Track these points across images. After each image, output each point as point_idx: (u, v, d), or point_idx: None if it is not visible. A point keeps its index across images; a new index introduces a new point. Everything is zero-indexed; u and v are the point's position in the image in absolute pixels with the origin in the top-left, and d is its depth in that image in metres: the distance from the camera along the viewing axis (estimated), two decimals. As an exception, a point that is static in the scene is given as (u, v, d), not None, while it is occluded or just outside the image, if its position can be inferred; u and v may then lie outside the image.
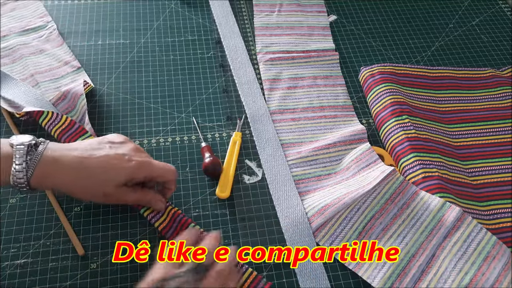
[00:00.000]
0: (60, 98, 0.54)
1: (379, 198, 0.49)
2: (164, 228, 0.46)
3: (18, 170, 0.39)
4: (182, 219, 0.47)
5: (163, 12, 0.69)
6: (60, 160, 0.40)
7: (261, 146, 0.54)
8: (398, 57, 0.66)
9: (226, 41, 0.65)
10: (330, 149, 0.54)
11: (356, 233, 0.47)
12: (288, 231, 0.47)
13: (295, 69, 0.62)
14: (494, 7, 0.74)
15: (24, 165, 0.39)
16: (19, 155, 0.39)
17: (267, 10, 0.70)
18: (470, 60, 0.66)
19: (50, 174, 0.40)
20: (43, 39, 0.63)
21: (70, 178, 0.41)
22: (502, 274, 0.44)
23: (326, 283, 0.44)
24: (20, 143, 0.40)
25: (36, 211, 0.48)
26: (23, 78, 0.58)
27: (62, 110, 0.54)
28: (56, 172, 0.40)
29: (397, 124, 0.54)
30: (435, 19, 0.72)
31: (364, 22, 0.70)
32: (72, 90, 0.55)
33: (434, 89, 0.60)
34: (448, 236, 0.47)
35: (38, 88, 0.57)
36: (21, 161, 0.39)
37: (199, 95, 0.59)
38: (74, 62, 0.60)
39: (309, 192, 0.51)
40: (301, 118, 0.57)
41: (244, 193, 0.51)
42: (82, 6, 0.69)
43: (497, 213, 0.50)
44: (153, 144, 0.54)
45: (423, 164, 0.51)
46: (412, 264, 0.45)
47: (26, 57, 0.60)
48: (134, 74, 0.60)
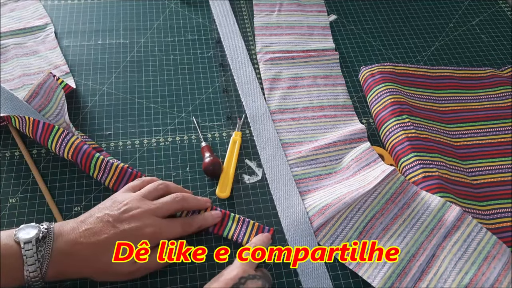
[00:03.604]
0: (32, 95, 0.52)
1: (380, 198, 0.49)
2: (114, 184, 0.48)
3: (32, 270, 0.37)
4: (131, 173, 0.49)
5: (163, 12, 0.69)
6: (71, 253, 0.39)
7: (261, 146, 0.54)
8: (398, 56, 0.66)
9: (226, 41, 0.65)
10: (330, 148, 0.54)
11: (356, 233, 0.47)
12: (289, 231, 0.47)
13: (295, 69, 0.62)
14: (494, 7, 0.74)
15: (37, 264, 0.37)
16: (30, 255, 0.37)
17: (267, 10, 0.70)
18: (470, 60, 0.66)
19: (65, 268, 0.39)
20: (39, 40, 0.63)
21: (87, 269, 0.40)
22: (502, 274, 0.44)
23: (328, 283, 0.44)
24: (27, 241, 0.38)
25: (36, 211, 0.48)
26: (10, 79, 0.58)
27: (37, 107, 0.51)
28: (70, 267, 0.39)
29: (397, 123, 0.54)
30: (435, 19, 0.72)
31: (364, 22, 0.70)
32: (44, 85, 0.52)
33: (434, 88, 0.60)
34: (448, 235, 0.47)
35: (23, 90, 0.56)
36: (32, 260, 0.37)
37: (199, 95, 0.59)
38: (64, 67, 0.60)
39: (310, 192, 0.51)
40: (301, 118, 0.57)
41: (244, 193, 0.51)
42: (82, 5, 0.68)
43: (497, 212, 0.50)
44: (153, 144, 0.54)
45: (423, 163, 0.51)
46: (412, 264, 0.45)
47: (17, 58, 0.60)
48: (134, 74, 0.60)
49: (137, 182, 0.47)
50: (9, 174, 0.50)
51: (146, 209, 0.42)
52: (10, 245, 0.38)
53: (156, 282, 0.44)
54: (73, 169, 0.51)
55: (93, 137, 0.54)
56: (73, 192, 0.49)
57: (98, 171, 0.49)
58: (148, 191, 0.45)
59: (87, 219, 0.41)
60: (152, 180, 0.47)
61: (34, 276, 0.37)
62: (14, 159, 0.51)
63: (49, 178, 0.50)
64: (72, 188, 0.49)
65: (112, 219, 0.41)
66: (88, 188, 0.49)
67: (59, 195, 0.49)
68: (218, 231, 0.47)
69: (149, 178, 0.48)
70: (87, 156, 0.48)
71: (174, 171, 0.52)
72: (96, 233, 0.40)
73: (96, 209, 0.42)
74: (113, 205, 0.42)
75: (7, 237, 0.38)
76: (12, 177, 0.50)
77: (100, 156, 0.48)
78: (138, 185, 0.46)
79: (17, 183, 0.50)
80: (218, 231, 0.47)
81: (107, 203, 0.43)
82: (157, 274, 0.44)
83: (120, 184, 0.49)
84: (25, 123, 0.50)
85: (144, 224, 0.41)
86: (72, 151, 0.48)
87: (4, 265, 0.37)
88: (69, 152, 0.48)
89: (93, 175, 0.49)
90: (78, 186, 0.50)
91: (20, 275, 0.37)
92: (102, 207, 0.42)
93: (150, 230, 0.41)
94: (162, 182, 0.46)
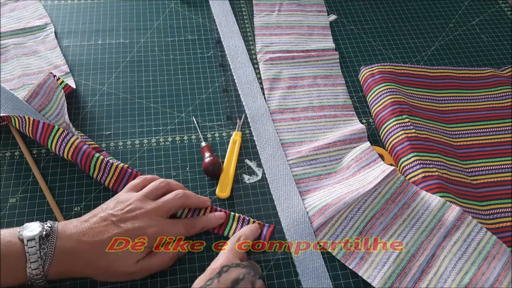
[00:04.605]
0: (32, 95, 0.52)
1: (380, 197, 0.49)
2: (114, 184, 0.48)
3: (34, 268, 0.37)
4: (131, 173, 0.48)
5: (163, 11, 0.69)
6: (74, 252, 0.39)
7: (261, 146, 0.54)
8: (398, 56, 0.66)
9: (226, 40, 0.65)
10: (330, 148, 0.54)
11: (356, 233, 0.47)
12: (289, 230, 0.47)
13: (295, 69, 0.62)
14: (494, 7, 0.74)
15: (40, 262, 0.37)
16: (32, 252, 0.37)
17: (267, 10, 0.70)
18: (470, 60, 0.66)
19: (67, 267, 0.39)
20: (39, 40, 0.63)
21: (89, 268, 0.40)
22: (502, 274, 0.44)
23: (328, 283, 0.44)
24: (31, 238, 0.38)
25: (36, 210, 0.48)
26: (10, 79, 0.58)
27: (37, 107, 0.51)
28: (72, 265, 0.39)
29: (397, 123, 0.54)
30: (435, 19, 0.72)
31: (364, 22, 0.70)
32: (44, 85, 0.52)
33: (434, 88, 0.60)
34: (448, 235, 0.47)
35: (23, 90, 0.56)
36: (35, 258, 0.37)
37: (199, 94, 0.59)
38: (64, 67, 0.60)
39: (310, 192, 0.51)
40: (301, 118, 0.57)
41: (244, 193, 0.51)
42: (82, 5, 0.68)
43: (497, 212, 0.50)
44: (153, 144, 0.54)
45: (423, 163, 0.51)
46: (412, 263, 0.45)
47: (18, 58, 0.60)
48: (134, 74, 0.60)
49: (138, 180, 0.47)
50: (9, 174, 0.50)
51: (149, 209, 0.42)
52: (14, 243, 0.38)
53: (156, 282, 0.44)
54: (73, 169, 0.51)
55: (93, 137, 0.54)
56: (73, 192, 0.49)
57: (98, 171, 0.49)
58: (150, 190, 0.45)
59: (91, 219, 0.41)
60: (153, 178, 0.47)
61: (36, 274, 0.37)
62: (14, 159, 0.51)
63: (49, 178, 0.50)
64: (72, 188, 0.49)
65: (116, 219, 0.41)
66: (88, 188, 0.50)
67: (59, 195, 0.49)
68: (219, 230, 0.47)
69: (150, 176, 0.48)
70: (87, 156, 0.48)
71: (174, 171, 0.52)
72: (100, 233, 0.40)
73: (100, 209, 0.43)
74: (116, 205, 0.42)
75: (11, 235, 0.39)
76: (12, 177, 0.50)
77: (100, 156, 0.48)
78: (140, 183, 0.46)
79: (17, 183, 0.50)
80: (219, 231, 0.47)
81: (111, 203, 0.43)
82: (157, 274, 0.44)
83: (120, 184, 0.49)
84: (25, 123, 0.50)
85: (147, 225, 0.41)
86: (72, 151, 0.48)
87: (7, 262, 0.37)
88: (69, 152, 0.48)
89: (93, 175, 0.49)
90: (78, 186, 0.50)
91: (22, 273, 0.38)
92: (105, 207, 0.43)
93: (153, 230, 0.42)
94: (163, 180, 0.46)
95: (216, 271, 0.38)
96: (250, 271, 0.38)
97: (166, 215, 0.44)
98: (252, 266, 0.40)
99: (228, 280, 0.37)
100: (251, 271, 0.38)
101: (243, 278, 0.37)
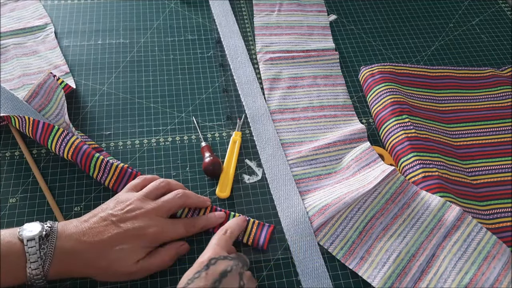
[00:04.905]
0: (32, 95, 0.51)
1: (380, 197, 0.49)
2: (114, 184, 0.48)
3: (34, 268, 0.37)
4: (131, 173, 0.48)
5: (163, 11, 0.69)
6: (74, 252, 0.39)
7: (261, 146, 0.54)
8: (398, 56, 0.66)
9: (226, 40, 0.65)
10: (330, 148, 0.54)
11: (356, 233, 0.47)
12: (289, 230, 0.47)
13: (295, 69, 0.62)
14: (494, 7, 0.74)
15: (39, 262, 0.37)
16: (32, 252, 0.37)
17: (267, 10, 0.70)
18: (470, 60, 0.66)
19: (67, 267, 0.39)
20: (39, 40, 0.63)
21: (89, 268, 0.40)
22: (502, 274, 0.44)
23: (328, 283, 0.45)
24: (30, 238, 0.38)
25: (36, 210, 0.48)
26: (10, 79, 0.58)
27: (37, 107, 0.51)
28: (72, 265, 0.39)
29: (397, 123, 0.54)
30: (435, 19, 0.72)
31: (364, 22, 0.70)
32: (44, 85, 0.52)
33: (434, 88, 0.60)
34: (448, 235, 0.47)
35: (23, 90, 0.56)
36: (35, 258, 0.37)
37: (199, 94, 0.59)
38: (64, 66, 0.60)
39: (310, 192, 0.51)
40: (301, 118, 0.57)
41: (244, 192, 0.51)
42: (82, 5, 0.68)
43: (497, 212, 0.50)
44: (153, 144, 0.54)
45: (423, 163, 0.51)
46: (412, 263, 0.45)
47: (17, 58, 0.60)
48: (134, 74, 0.60)
49: (138, 180, 0.47)
50: (9, 174, 0.50)
51: (149, 209, 0.42)
52: (14, 243, 0.38)
53: (156, 282, 0.44)
54: (73, 169, 0.51)
55: (93, 137, 0.54)
56: (73, 192, 0.49)
57: (98, 171, 0.49)
58: (150, 190, 0.45)
59: (91, 219, 0.41)
60: (153, 178, 0.47)
61: (36, 274, 0.37)
62: (14, 159, 0.51)
63: (49, 178, 0.50)
64: (72, 188, 0.49)
65: (116, 219, 0.41)
66: (88, 188, 0.50)
67: (59, 195, 0.49)
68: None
69: (150, 176, 0.48)
70: (87, 156, 0.48)
71: (174, 171, 0.52)
72: (100, 233, 0.40)
73: (100, 209, 0.43)
74: (116, 205, 0.43)
75: (11, 235, 0.39)
76: (12, 177, 0.50)
77: (100, 156, 0.48)
78: (140, 183, 0.46)
79: (17, 183, 0.50)
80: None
81: (111, 203, 0.43)
82: (157, 274, 0.44)
83: (120, 184, 0.49)
84: (25, 123, 0.50)
85: (147, 225, 0.42)
86: (72, 151, 0.48)
87: (7, 262, 0.37)
88: (69, 152, 0.48)
89: (93, 175, 0.49)
90: (78, 186, 0.50)
91: (22, 273, 0.38)
92: (105, 207, 0.43)
93: (153, 230, 0.42)
94: (163, 180, 0.46)
95: (204, 264, 0.38)
96: (238, 263, 0.38)
97: (166, 215, 0.44)
98: (240, 258, 0.40)
99: (216, 272, 0.37)
100: (239, 263, 0.39)
101: (231, 270, 0.37)
